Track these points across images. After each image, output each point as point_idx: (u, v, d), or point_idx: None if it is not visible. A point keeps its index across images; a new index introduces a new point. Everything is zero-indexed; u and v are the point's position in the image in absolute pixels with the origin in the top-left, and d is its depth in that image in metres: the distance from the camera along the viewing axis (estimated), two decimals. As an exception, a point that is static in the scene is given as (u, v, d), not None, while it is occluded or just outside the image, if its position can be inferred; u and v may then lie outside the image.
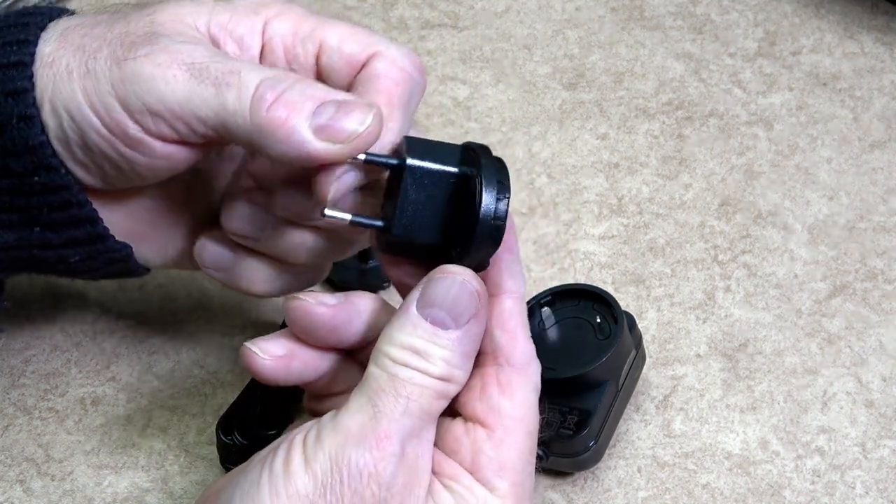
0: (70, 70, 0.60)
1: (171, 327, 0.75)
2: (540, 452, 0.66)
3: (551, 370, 0.66)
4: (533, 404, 0.58)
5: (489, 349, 0.58)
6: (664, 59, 0.87)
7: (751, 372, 0.72)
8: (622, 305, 0.68)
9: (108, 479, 0.69)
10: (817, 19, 0.88)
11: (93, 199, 0.63)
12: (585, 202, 0.79)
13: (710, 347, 0.73)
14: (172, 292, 0.76)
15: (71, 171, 0.62)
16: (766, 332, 0.73)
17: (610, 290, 0.73)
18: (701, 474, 0.68)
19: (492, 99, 0.85)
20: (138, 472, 0.69)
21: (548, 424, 0.66)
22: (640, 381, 0.70)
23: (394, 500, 0.54)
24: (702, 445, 0.69)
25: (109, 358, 0.74)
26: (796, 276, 0.75)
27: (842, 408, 0.70)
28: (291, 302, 0.59)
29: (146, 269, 0.67)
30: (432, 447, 0.57)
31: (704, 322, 0.74)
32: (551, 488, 0.68)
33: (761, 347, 0.73)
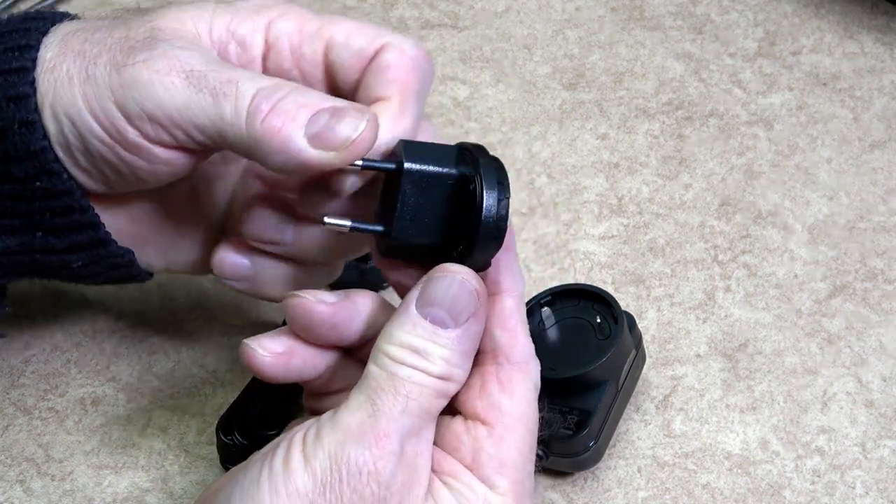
0: (71, 76, 0.60)
1: (171, 327, 0.75)
2: (540, 452, 0.66)
3: (551, 370, 0.66)
4: (533, 402, 0.58)
5: (489, 348, 0.58)
6: (664, 59, 0.87)
7: (751, 372, 0.72)
8: (622, 305, 0.68)
9: (108, 479, 0.69)
10: (817, 19, 0.88)
11: (95, 203, 0.63)
12: (585, 202, 0.79)
13: (710, 347, 0.73)
14: (172, 292, 0.76)
15: (73, 176, 0.61)
16: (766, 332, 0.73)
17: (610, 290, 0.73)
18: (701, 474, 0.68)
19: (492, 99, 0.85)
20: (138, 472, 0.69)
21: (548, 424, 0.66)
22: (640, 381, 0.70)
23: (393, 498, 0.54)
24: (702, 445, 0.69)
25: (109, 358, 0.74)
26: (796, 276, 0.75)
27: (842, 408, 0.70)
28: (291, 300, 0.59)
29: (149, 273, 0.67)
30: (432, 445, 0.57)
31: (704, 322, 0.74)
32: (551, 488, 0.68)
33: (761, 347, 0.72)
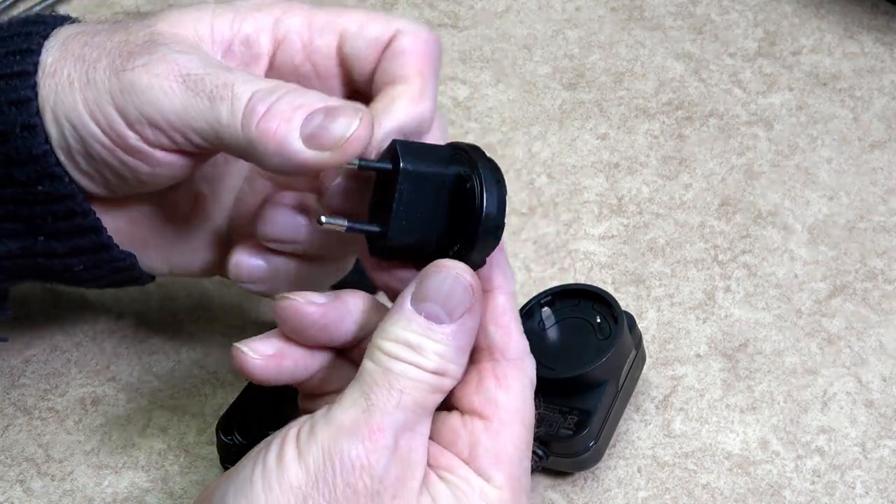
0: (71, 80, 0.60)
1: (171, 327, 0.75)
2: (540, 452, 0.66)
3: (551, 370, 0.66)
4: (529, 398, 0.58)
5: (484, 345, 0.58)
6: (664, 59, 0.87)
7: (751, 372, 0.72)
8: (622, 305, 0.68)
9: (108, 479, 0.69)
10: (817, 19, 0.88)
11: (97, 207, 0.63)
12: (585, 202, 0.79)
13: (710, 347, 0.73)
14: (172, 292, 0.76)
15: (74, 179, 0.61)
16: (766, 332, 0.73)
17: (610, 290, 0.73)
18: (701, 474, 0.68)
19: (492, 99, 0.85)
20: (138, 472, 0.69)
21: (548, 424, 0.66)
22: (640, 381, 0.70)
23: (387, 492, 0.55)
24: (702, 445, 0.69)
25: (109, 358, 0.74)
26: (796, 276, 0.75)
27: (842, 408, 0.70)
28: (281, 301, 0.59)
29: (151, 276, 0.67)
30: (427, 441, 0.57)
31: (704, 322, 0.74)
32: (551, 488, 0.68)
33: (761, 347, 0.72)
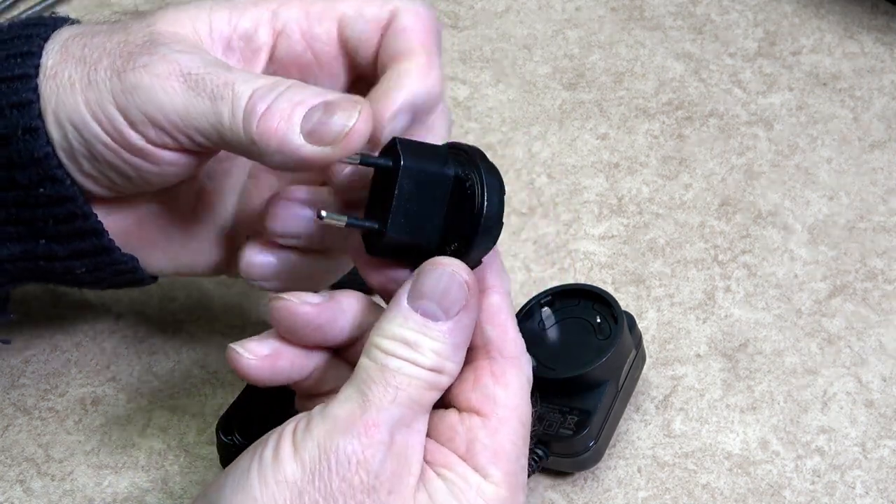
0: (73, 82, 0.60)
1: (172, 328, 0.75)
2: (540, 452, 0.66)
3: (551, 370, 0.66)
4: (526, 396, 0.58)
5: (480, 343, 0.58)
6: (664, 59, 0.87)
7: (751, 372, 0.72)
8: (622, 305, 0.68)
9: (108, 479, 0.69)
10: (817, 19, 0.88)
11: (101, 208, 0.63)
12: (585, 202, 0.79)
13: (710, 347, 0.73)
14: (172, 292, 0.76)
15: (78, 182, 0.61)
16: (766, 332, 0.73)
17: (610, 290, 0.73)
18: (701, 474, 0.68)
19: (492, 99, 0.85)
20: (138, 472, 0.69)
21: (548, 424, 0.66)
22: (640, 381, 0.70)
23: (382, 487, 0.55)
24: (702, 445, 0.69)
25: (109, 358, 0.74)
26: (796, 276, 0.75)
27: (842, 408, 0.70)
28: (275, 302, 0.59)
29: (153, 277, 0.67)
30: (424, 438, 0.57)
31: (704, 322, 0.74)
32: (551, 488, 0.68)
33: (761, 347, 0.72)
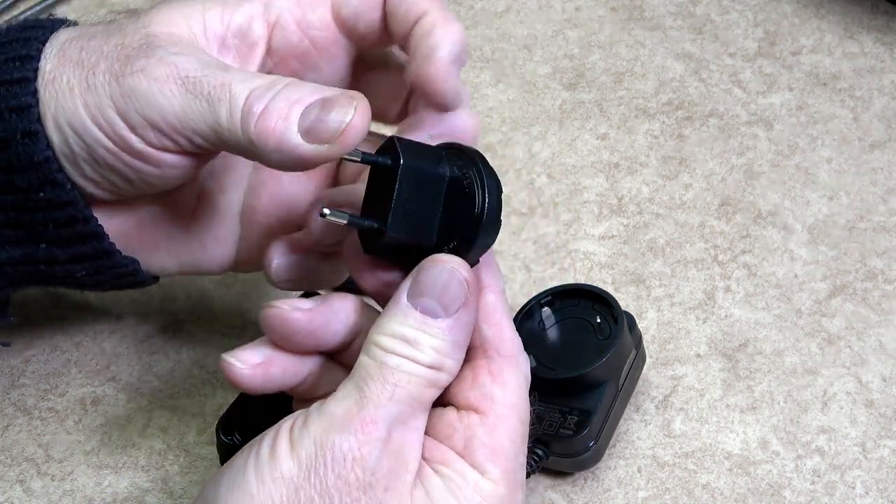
0: (71, 86, 0.60)
1: (172, 328, 0.75)
2: (540, 452, 0.66)
3: (551, 370, 0.66)
4: (524, 394, 0.58)
5: (477, 342, 0.58)
6: (664, 59, 0.87)
7: (751, 372, 0.72)
8: (622, 305, 0.68)
9: (108, 479, 0.69)
10: (817, 19, 0.88)
11: (103, 211, 0.63)
12: (585, 202, 0.79)
13: (710, 347, 0.73)
14: (172, 292, 0.76)
15: (79, 186, 0.61)
16: (766, 332, 0.73)
17: (610, 290, 0.73)
18: (701, 474, 0.68)
19: (492, 99, 0.85)
20: (138, 472, 0.69)
21: (548, 424, 0.66)
22: (640, 381, 0.70)
23: (379, 484, 0.54)
24: (702, 445, 0.69)
25: (109, 358, 0.74)
26: (796, 276, 0.75)
27: (842, 408, 0.70)
28: (267, 310, 0.59)
29: (154, 278, 0.67)
30: (422, 435, 0.57)
31: (704, 322, 0.74)
32: (551, 488, 0.68)
33: (761, 347, 0.72)
